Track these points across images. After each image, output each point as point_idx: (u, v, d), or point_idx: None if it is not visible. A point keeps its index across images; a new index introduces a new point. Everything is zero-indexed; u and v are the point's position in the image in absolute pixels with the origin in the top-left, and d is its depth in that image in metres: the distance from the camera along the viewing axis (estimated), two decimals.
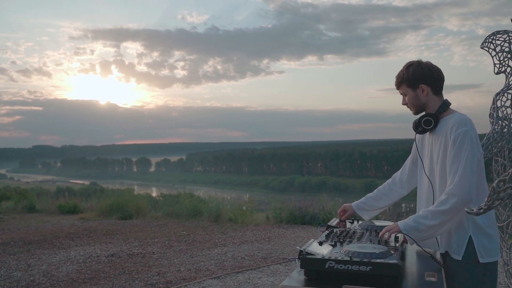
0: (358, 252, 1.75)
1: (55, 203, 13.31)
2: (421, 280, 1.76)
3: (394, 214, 10.27)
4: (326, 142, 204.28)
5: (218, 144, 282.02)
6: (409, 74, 2.21)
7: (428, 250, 2.17)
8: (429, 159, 2.24)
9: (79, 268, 6.07)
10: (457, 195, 1.94)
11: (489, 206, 1.42)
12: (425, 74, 2.19)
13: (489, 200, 1.41)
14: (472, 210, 1.46)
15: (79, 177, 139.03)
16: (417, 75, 2.19)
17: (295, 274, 1.84)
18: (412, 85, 2.22)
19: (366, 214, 2.59)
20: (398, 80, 2.28)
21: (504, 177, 1.40)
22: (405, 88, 2.25)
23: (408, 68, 2.24)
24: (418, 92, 2.22)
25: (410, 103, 2.26)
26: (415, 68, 2.21)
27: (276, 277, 5.51)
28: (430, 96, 2.21)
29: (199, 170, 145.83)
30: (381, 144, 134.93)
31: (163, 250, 7.09)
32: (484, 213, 1.45)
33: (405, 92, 2.26)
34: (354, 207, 2.59)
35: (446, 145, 2.09)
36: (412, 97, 2.24)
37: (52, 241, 8.05)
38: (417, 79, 2.20)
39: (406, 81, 2.23)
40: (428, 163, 2.26)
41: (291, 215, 9.71)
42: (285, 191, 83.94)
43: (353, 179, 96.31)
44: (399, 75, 2.27)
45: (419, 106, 2.24)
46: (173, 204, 11.99)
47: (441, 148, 2.12)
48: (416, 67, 2.21)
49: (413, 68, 2.21)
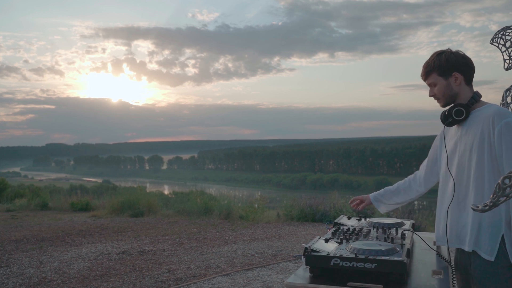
0: (364, 249, 1.74)
1: (68, 200, 13.44)
2: (427, 278, 1.75)
3: (406, 211, 10.20)
4: (337, 140, 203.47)
5: (229, 141, 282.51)
6: (441, 61, 2.07)
7: (434, 247, 2.15)
8: (457, 153, 2.09)
9: (90, 265, 6.13)
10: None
11: (494, 203, 1.40)
12: (459, 61, 2.06)
13: (495, 197, 1.39)
14: (477, 207, 1.44)
15: (92, 175, 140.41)
16: (451, 62, 2.06)
17: (300, 271, 1.84)
18: (444, 73, 2.08)
19: (382, 206, 2.50)
20: (428, 69, 2.12)
21: (509, 174, 1.38)
22: (435, 77, 2.10)
23: (439, 55, 2.09)
24: (451, 81, 2.07)
25: (440, 93, 2.11)
26: (448, 55, 2.08)
27: (286, 274, 5.51)
28: (462, 85, 2.07)
29: (211, 168, 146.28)
30: (393, 141, 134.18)
31: (173, 248, 7.13)
32: (489, 210, 1.43)
33: (435, 81, 2.11)
34: (372, 198, 2.51)
35: (483, 138, 1.94)
36: (444, 86, 2.09)
37: (64, 238, 8.14)
38: (450, 66, 2.06)
39: (438, 69, 2.08)
40: (454, 157, 2.10)
41: (302, 212, 9.69)
42: (297, 188, 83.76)
43: (365, 176, 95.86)
44: (429, 63, 2.12)
45: (451, 96, 2.10)
46: (184, 201, 12.04)
47: (475, 141, 1.97)
48: (449, 55, 2.08)
49: (446, 56, 2.08)
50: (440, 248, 2.17)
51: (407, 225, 2.36)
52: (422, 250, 2.15)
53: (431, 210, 11.48)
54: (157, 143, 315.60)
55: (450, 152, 2.14)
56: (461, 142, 2.07)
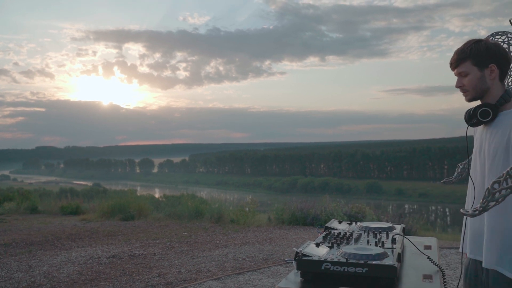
0: (355, 253, 1.74)
1: (58, 204, 13.34)
2: (417, 282, 1.75)
3: (397, 215, 10.25)
4: (328, 143, 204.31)
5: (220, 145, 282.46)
6: (480, 49, 1.82)
7: (425, 251, 2.15)
8: (481, 157, 1.92)
9: (80, 269, 6.07)
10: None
11: (484, 208, 1.41)
12: (501, 53, 1.82)
13: (484, 202, 1.40)
14: (467, 211, 1.45)
15: (82, 178, 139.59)
16: (492, 52, 1.81)
17: (291, 275, 1.84)
18: (480, 63, 1.83)
19: None
20: (462, 55, 1.87)
21: (499, 179, 1.39)
22: (469, 66, 1.85)
23: (478, 42, 1.84)
24: (486, 73, 1.83)
25: (470, 85, 1.87)
26: (489, 44, 1.82)
27: (277, 278, 5.50)
28: (496, 80, 1.84)
29: (202, 171, 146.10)
30: (384, 145, 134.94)
31: (164, 251, 7.09)
32: (479, 215, 1.44)
33: (467, 71, 1.86)
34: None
35: (509, 144, 1.75)
36: (477, 78, 1.84)
37: (53, 242, 8.07)
38: (490, 56, 1.81)
39: (475, 57, 1.83)
40: (477, 161, 1.95)
41: (293, 216, 9.69)
42: (288, 192, 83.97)
43: (356, 180, 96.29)
44: (463, 50, 1.87)
45: (481, 91, 1.86)
46: (175, 205, 11.99)
47: (500, 146, 1.79)
48: (490, 43, 1.82)
49: (487, 44, 1.82)
50: (431, 252, 2.18)
51: (398, 229, 2.36)
52: (412, 255, 2.15)
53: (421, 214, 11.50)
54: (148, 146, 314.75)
55: (474, 155, 1.99)
56: (486, 145, 1.88)
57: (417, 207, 67.68)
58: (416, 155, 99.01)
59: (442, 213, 66.58)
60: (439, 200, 75.16)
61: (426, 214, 56.57)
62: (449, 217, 59.82)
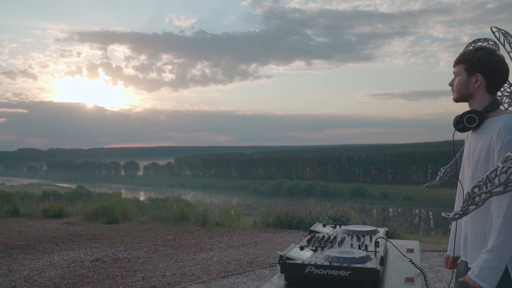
0: (338, 257, 1.75)
1: (40, 207, 13.15)
2: (400, 285, 1.77)
3: (381, 219, 10.32)
4: (314, 147, 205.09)
5: (206, 148, 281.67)
6: (473, 57, 1.94)
7: (407, 254, 2.18)
8: (468, 161, 2.01)
9: (62, 273, 6.00)
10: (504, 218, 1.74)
11: (464, 212, 1.43)
12: (491, 66, 1.92)
13: (465, 206, 1.42)
14: (448, 215, 1.47)
15: (66, 180, 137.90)
16: (481, 63, 1.92)
17: (275, 279, 1.84)
18: (469, 70, 1.95)
19: None
20: (460, 57, 2.01)
21: (479, 183, 1.42)
22: (460, 69, 1.99)
23: (477, 51, 1.96)
24: (471, 80, 1.95)
25: (456, 86, 2.01)
26: (483, 54, 1.93)
27: (261, 281, 5.50)
28: (481, 90, 1.94)
29: (188, 174, 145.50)
30: (369, 149, 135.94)
31: (148, 255, 7.04)
32: (460, 218, 1.46)
33: (459, 72, 2.00)
34: None
35: (489, 150, 1.86)
36: (462, 82, 1.98)
37: (35, 245, 7.96)
38: (478, 66, 1.93)
39: (467, 62, 1.96)
40: (465, 166, 2.05)
41: (278, 219, 9.70)
42: (273, 195, 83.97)
43: (341, 183, 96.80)
44: (464, 53, 2.00)
45: (464, 95, 1.99)
46: (160, 208, 11.93)
47: (483, 151, 1.89)
48: (485, 54, 1.93)
49: (482, 53, 1.94)
50: (413, 255, 2.20)
51: (381, 233, 2.38)
52: (395, 258, 2.17)
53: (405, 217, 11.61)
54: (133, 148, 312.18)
55: (463, 160, 2.07)
56: (470, 150, 2.00)
57: (401, 211, 68.24)
58: (401, 159, 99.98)
59: (425, 216, 67.31)
60: (423, 204, 75.94)
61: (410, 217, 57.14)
62: (432, 220, 60.50)
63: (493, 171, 1.39)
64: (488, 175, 1.40)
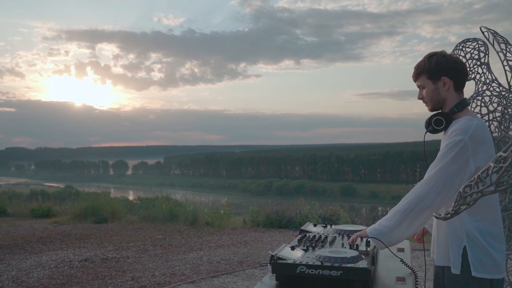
0: (329, 256, 1.75)
1: (28, 206, 12.99)
2: (391, 284, 1.77)
3: (370, 218, 10.38)
4: (303, 146, 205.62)
5: (196, 147, 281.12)
6: (431, 64, 1.99)
7: (398, 253, 2.18)
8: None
9: (51, 273, 5.94)
10: (412, 194, 1.87)
11: (455, 211, 1.44)
12: (450, 65, 1.97)
13: (456, 205, 1.43)
14: (440, 215, 1.47)
15: (54, 180, 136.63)
16: (441, 66, 1.97)
17: (266, 279, 1.84)
18: (433, 77, 1.99)
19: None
20: (417, 71, 2.04)
21: (470, 183, 1.42)
22: (424, 80, 2.02)
23: (430, 58, 2.01)
24: (439, 85, 1.99)
25: (428, 97, 2.03)
26: (439, 58, 1.99)
27: (252, 281, 5.50)
28: (451, 91, 1.99)
29: (177, 173, 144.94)
30: (358, 148, 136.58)
31: (138, 255, 7.00)
32: (451, 218, 1.46)
33: (423, 84, 2.03)
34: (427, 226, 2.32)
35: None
36: (431, 91, 2.00)
37: (23, 245, 7.87)
38: (440, 70, 1.97)
39: (427, 71, 2.00)
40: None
41: (268, 218, 9.70)
42: (263, 194, 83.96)
43: (331, 182, 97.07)
44: (419, 65, 2.04)
45: (438, 102, 2.01)
46: (150, 207, 11.85)
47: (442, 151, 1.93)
48: (440, 57, 1.99)
49: (437, 58, 1.99)
50: (404, 255, 2.21)
51: None
52: (386, 257, 2.18)
53: None
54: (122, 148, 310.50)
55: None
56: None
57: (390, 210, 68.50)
58: (390, 158, 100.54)
59: None
60: None
61: None
62: None
63: (484, 171, 1.40)
64: (480, 174, 1.40)
